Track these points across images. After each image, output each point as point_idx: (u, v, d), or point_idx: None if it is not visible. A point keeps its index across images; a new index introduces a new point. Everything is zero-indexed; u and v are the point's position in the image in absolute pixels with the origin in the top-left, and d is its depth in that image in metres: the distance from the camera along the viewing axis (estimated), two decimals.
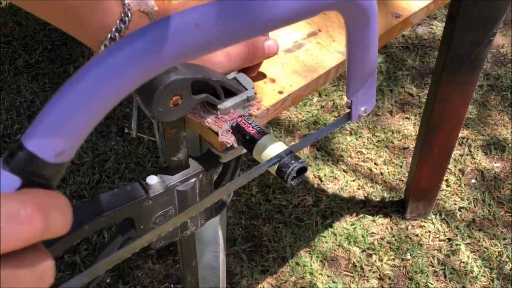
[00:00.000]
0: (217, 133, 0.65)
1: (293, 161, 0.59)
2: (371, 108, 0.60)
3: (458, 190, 1.77)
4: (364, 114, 0.60)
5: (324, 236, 1.65)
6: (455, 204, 1.74)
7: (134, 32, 0.31)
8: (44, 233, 0.30)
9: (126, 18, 0.61)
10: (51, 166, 0.30)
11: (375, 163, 1.83)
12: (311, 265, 1.59)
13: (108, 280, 1.55)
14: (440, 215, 1.71)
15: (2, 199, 0.29)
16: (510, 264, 1.60)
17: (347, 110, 0.59)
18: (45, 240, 0.30)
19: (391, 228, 1.69)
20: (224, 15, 0.32)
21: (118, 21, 0.60)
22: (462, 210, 1.73)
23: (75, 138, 0.30)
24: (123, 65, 0.30)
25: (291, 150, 0.60)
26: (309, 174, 1.79)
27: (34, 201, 0.29)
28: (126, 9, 0.61)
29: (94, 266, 0.43)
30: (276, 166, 0.59)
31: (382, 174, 1.80)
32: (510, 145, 1.87)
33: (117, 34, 0.61)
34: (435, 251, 1.64)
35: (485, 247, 1.64)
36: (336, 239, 1.65)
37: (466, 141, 1.88)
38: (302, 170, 0.59)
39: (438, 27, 2.24)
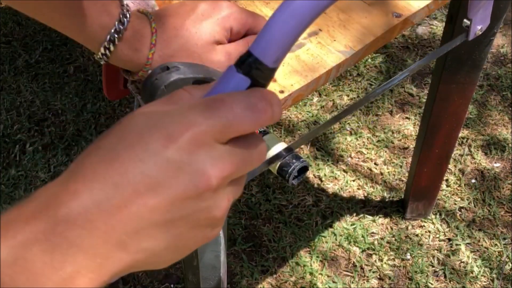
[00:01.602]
0: None
1: (294, 160, 0.59)
2: (485, 27, 0.64)
3: (458, 190, 1.77)
4: (480, 33, 0.63)
5: (324, 236, 1.65)
6: (455, 204, 1.74)
7: None
8: (272, 120, 0.39)
9: (125, 19, 0.61)
10: (269, 70, 0.39)
11: (375, 163, 1.83)
12: (311, 265, 1.59)
13: None
14: (440, 215, 1.71)
15: (243, 95, 0.38)
16: (510, 264, 1.61)
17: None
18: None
19: (391, 228, 1.69)
20: None
21: (116, 22, 0.61)
22: (462, 210, 1.73)
23: (286, 49, 0.38)
24: None
25: (291, 148, 0.60)
26: (309, 174, 1.79)
27: (264, 97, 0.38)
28: (125, 10, 0.61)
29: None
30: (278, 165, 0.59)
31: (382, 174, 1.80)
32: (510, 145, 1.88)
33: (115, 35, 0.61)
34: (435, 251, 1.64)
35: (485, 247, 1.64)
36: (336, 239, 1.65)
37: (466, 141, 1.89)
38: (303, 169, 0.60)
39: (438, 27, 2.24)
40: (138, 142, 0.36)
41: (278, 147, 0.61)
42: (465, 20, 0.60)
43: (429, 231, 1.68)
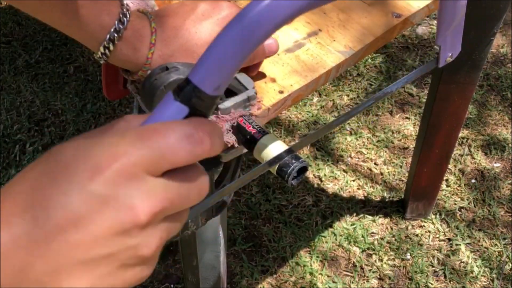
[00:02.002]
0: None
1: (293, 161, 0.59)
2: (456, 54, 0.63)
3: (458, 190, 1.77)
4: (450, 60, 0.62)
5: (324, 236, 1.65)
6: (455, 204, 1.74)
7: None
8: (210, 152, 0.36)
9: (125, 19, 0.61)
10: (209, 98, 0.37)
11: (375, 163, 1.83)
12: (311, 265, 1.59)
13: None
14: (440, 215, 1.71)
15: (179, 124, 0.36)
16: (510, 264, 1.61)
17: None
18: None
19: (391, 228, 1.69)
20: None
21: (116, 22, 0.61)
22: (462, 210, 1.73)
23: (228, 75, 0.37)
24: (268, 14, 0.35)
25: (291, 149, 0.60)
26: (309, 174, 1.79)
27: (202, 126, 0.36)
28: (124, 10, 0.62)
29: None
30: (277, 165, 0.59)
31: (382, 174, 1.80)
32: (510, 145, 1.87)
33: (115, 35, 0.61)
34: (435, 251, 1.64)
35: (485, 247, 1.64)
36: (336, 239, 1.65)
37: (466, 141, 1.88)
38: (303, 170, 0.60)
39: None
40: (63, 174, 0.34)
41: (278, 148, 0.61)
42: (435, 46, 0.60)
43: (429, 231, 1.68)
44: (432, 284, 1.58)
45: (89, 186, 0.33)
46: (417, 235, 1.67)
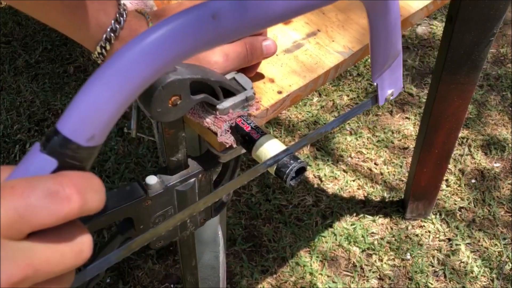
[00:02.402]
0: (216, 133, 0.65)
1: (292, 161, 0.59)
2: (398, 91, 0.60)
3: (458, 190, 1.77)
4: (391, 97, 0.60)
5: (324, 236, 1.65)
6: (455, 204, 1.74)
7: (152, 27, 0.33)
8: (81, 211, 0.32)
9: (121, 18, 0.61)
10: (83, 149, 0.33)
11: (375, 163, 1.83)
12: (311, 265, 1.59)
13: (108, 280, 1.56)
14: (440, 215, 1.71)
15: (42, 180, 0.31)
16: (510, 264, 1.60)
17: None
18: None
19: (391, 228, 1.69)
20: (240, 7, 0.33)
21: (113, 21, 0.61)
22: (462, 210, 1.73)
23: (104, 124, 0.33)
24: (144, 57, 0.32)
25: (289, 149, 0.60)
26: (309, 174, 1.79)
27: (71, 181, 0.32)
28: (121, 9, 0.62)
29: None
30: (275, 166, 0.59)
31: (382, 174, 1.80)
32: (510, 145, 1.87)
33: (112, 34, 0.61)
34: (435, 251, 1.64)
35: (485, 247, 1.64)
36: (336, 239, 1.65)
37: (466, 141, 1.88)
38: (301, 170, 0.59)
39: (438, 27, 2.24)
40: None
41: (276, 149, 0.61)
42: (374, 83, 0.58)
43: (429, 231, 1.68)
44: (432, 284, 1.58)
45: None
46: (417, 235, 1.67)
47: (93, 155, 0.34)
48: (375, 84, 0.57)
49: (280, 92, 0.71)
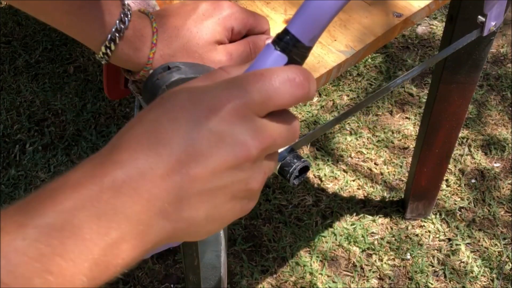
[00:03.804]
0: None
1: (295, 160, 0.59)
2: (499, 23, 0.65)
3: (458, 190, 1.77)
4: (494, 29, 0.64)
5: (324, 236, 1.65)
6: (455, 204, 1.74)
7: None
8: (308, 96, 0.40)
9: (126, 18, 0.61)
10: (306, 48, 0.41)
11: (375, 163, 1.83)
12: (311, 265, 1.59)
13: None
14: (440, 215, 1.71)
15: (283, 69, 0.39)
16: (510, 264, 1.61)
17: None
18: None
19: (391, 228, 1.69)
20: None
21: (117, 21, 0.61)
22: (462, 210, 1.73)
23: (322, 28, 0.40)
24: None
25: (293, 148, 0.60)
26: (309, 174, 1.79)
27: (301, 73, 0.40)
28: (126, 10, 0.62)
29: None
30: (279, 165, 0.59)
31: (382, 174, 1.80)
32: (510, 145, 1.88)
33: (117, 34, 0.61)
34: (435, 251, 1.64)
35: (485, 247, 1.64)
36: (336, 239, 1.65)
37: (466, 141, 1.89)
38: (305, 169, 0.60)
39: (438, 27, 2.24)
40: (181, 114, 0.37)
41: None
42: (479, 16, 0.62)
43: (429, 231, 1.68)
44: (432, 284, 1.58)
45: (206, 124, 0.37)
46: (417, 235, 1.67)
47: (307, 55, 0.42)
48: (485, 15, 0.63)
49: None
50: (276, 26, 0.79)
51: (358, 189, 1.77)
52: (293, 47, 0.40)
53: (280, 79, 0.39)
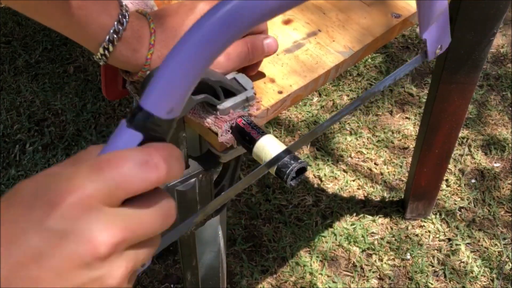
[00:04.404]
0: (216, 134, 0.65)
1: (292, 161, 0.59)
2: (447, 45, 0.61)
3: (458, 190, 1.77)
4: (440, 51, 0.61)
5: (324, 236, 1.65)
6: (455, 204, 1.74)
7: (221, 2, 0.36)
8: (168, 177, 0.36)
9: (124, 20, 0.61)
10: (164, 121, 0.37)
11: (375, 163, 1.83)
12: (311, 265, 1.59)
13: None
14: (440, 215, 1.71)
15: (133, 152, 0.35)
16: (510, 264, 1.61)
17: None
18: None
19: (391, 228, 1.69)
20: None
21: (115, 22, 0.61)
22: (462, 210, 1.73)
23: (181, 97, 0.36)
24: (216, 30, 0.35)
25: (290, 149, 0.60)
26: (309, 174, 1.79)
27: (157, 151, 0.36)
28: (124, 11, 0.61)
29: None
30: (276, 166, 0.59)
31: (382, 174, 1.80)
32: (510, 145, 1.87)
33: (115, 36, 0.61)
34: (435, 251, 1.64)
35: (485, 247, 1.64)
36: (336, 239, 1.65)
37: (466, 141, 1.88)
38: (302, 170, 0.59)
39: None
40: (21, 212, 0.34)
41: (277, 149, 0.61)
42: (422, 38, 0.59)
43: (429, 231, 1.68)
44: (432, 284, 1.58)
45: (46, 222, 0.34)
46: (417, 235, 1.67)
47: (172, 127, 0.38)
48: (424, 39, 0.59)
49: (280, 92, 0.71)
50: (274, 26, 0.79)
51: (358, 189, 1.77)
52: (148, 122, 0.36)
53: (129, 164, 0.35)
